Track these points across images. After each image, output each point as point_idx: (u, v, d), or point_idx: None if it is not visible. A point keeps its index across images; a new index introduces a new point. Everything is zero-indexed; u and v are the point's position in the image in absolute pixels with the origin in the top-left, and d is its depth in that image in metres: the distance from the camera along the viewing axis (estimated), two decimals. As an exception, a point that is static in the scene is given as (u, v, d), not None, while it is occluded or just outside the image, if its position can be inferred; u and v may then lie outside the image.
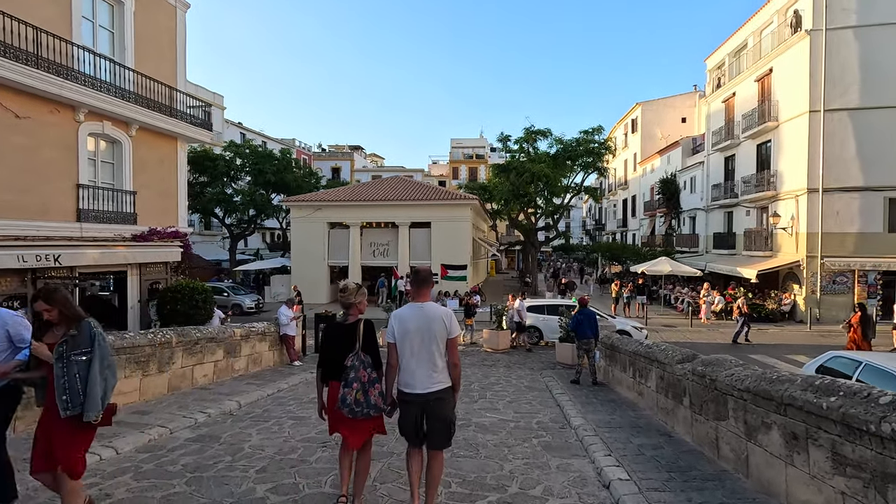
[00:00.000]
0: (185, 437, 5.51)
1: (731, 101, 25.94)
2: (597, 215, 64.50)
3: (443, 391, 3.44)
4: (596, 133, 27.05)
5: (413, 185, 28.64)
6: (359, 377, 3.44)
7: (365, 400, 3.43)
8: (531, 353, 13.77)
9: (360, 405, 3.42)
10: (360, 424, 3.52)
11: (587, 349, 9.30)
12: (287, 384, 8.84)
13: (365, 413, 3.44)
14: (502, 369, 11.35)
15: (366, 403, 3.43)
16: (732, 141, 25.03)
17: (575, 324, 9.39)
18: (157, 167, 13.92)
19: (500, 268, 57.98)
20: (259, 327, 10.26)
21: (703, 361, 5.21)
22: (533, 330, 15.10)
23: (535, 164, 25.47)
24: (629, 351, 7.72)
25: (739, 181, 24.41)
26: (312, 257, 26.21)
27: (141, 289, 13.27)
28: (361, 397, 3.42)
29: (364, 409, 3.43)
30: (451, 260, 25.26)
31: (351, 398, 3.40)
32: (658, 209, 36.14)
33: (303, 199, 26.75)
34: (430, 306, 3.54)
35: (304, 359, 12.29)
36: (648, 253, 29.49)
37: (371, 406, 3.45)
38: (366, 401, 3.43)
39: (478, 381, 9.63)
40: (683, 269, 22.22)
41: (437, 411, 3.42)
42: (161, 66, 13.79)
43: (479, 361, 12.44)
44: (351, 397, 3.40)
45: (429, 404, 3.41)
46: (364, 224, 26.87)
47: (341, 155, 62.70)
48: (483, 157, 62.49)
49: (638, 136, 42.78)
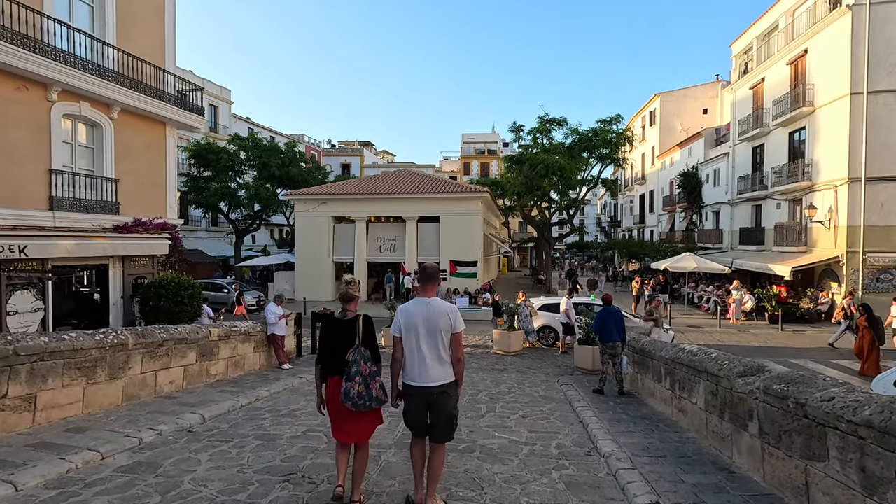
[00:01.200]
0: (116, 466, 4.42)
1: (759, 88, 24.33)
2: (612, 212, 62.74)
3: (447, 385, 3.54)
4: (614, 122, 25.57)
5: (421, 177, 27.51)
6: (360, 371, 3.52)
7: (367, 393, 3.52)
8: (546, 357, 12.54)
9: (362, 398, 3.50)
10: (361, 418, 3.62)
11: (612, 354, 8.06)
12: (268, 391, 7.75)
13: (367, 406, 3.53)
14: (514, 375, 10.15)
15: (368, 396, 3.52)
16: (761, 129, 23.43)
17: (598, 324, 8.15)
18: (143, 154, 12.96)
19: (513, 265, 56.63)
20: (242, 326, 9.19)
21: (781, 377, 3.96)
22: (547, 330, 13.86)
23: (550, 155, 24.11)
24: (666, 358, 6.47)
25: (769, 172, 22.82)
26: (317, 253, 25.23)
27: (124, 284, 12.33)
28: (364, 390, 3.50)
29: (367, 402, 3.52)
30: (460, 256, 24.08)
31: (354, 392, 3.48)
32: (678, 204, 34.52)
33: (307, 193, 25.76)
34: (436, 302, 3.62)
35: (296, 361, 11.21)
36: (669, 249, 27.97)
37: (373, 399, 3.54)
38: (368, 394, 3.52)
39: (486, 390, 8.44)
40: (709, 265, 20.75)
41: (441, 405, 3.52)
42: (147, 46, 12.81)
43: (489, 365, 11.25)
44: (354, 391, 3.48)
45: (433, 398, 3.50)
46: (370, 219, 25.79)
47: (351, 151, 61.86)
48: (495, 153, 61.13)
49: (656, 129, 41.14)
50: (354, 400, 3.48)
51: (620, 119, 25.63)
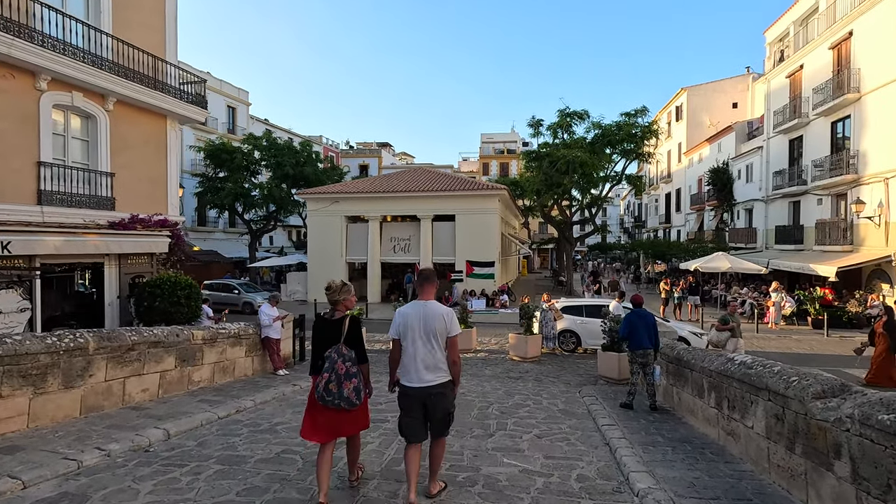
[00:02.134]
0: (35, 499, 3.64)
1: (797, 76, 22.74)
2: (636, 212, 60.85)
3: (443, 385, 3.59)
4: (639, 115, 24.22)
5: (436, 175, 26.67)
6: (335, 368, 3.51)
7: (337, 391, 3.48)
8: (566, 364, 11.49)
9: (330, 395, 3.48)
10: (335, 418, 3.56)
11: (643, 363, 7.01)
12: (254, 401, 6.95)
13: (335, 404, 3.49)
14: (531, 384, 9.15)
15: (337, 395, 3.48)
16: (799, 120, 21.85)
17: (627, 328, 7.10)
18: (141, 147, 12.42)
19: (533, 267, 55.36)
20: (232, 328, 8.44)
21: (886, 403, 2.91)
22: (568, 335, 12.80)
23: (571, 150, 22.94)
24: (712, 370, 5.41)
25: (809, 166, 21.23)
26: (329, 254, 24.60)
27: (121, 283, 11.76)
28: (334, 388, 3.48)
29: (335, 400, 3.48)
30: (477, 256, 23.12)
31: (322, 386, 3.49)
32: (708, 202, 32.87)
33: (319, 192, 25.18)
34: (433, 304, 3.69)
35: (295, 367, 10.43)
36: (699, 249, 26.44)
37: (342, 398, 3.49)
38: (338, 392, 3.48)
39: (498, 402, 7.47)
40: (745, 265, 19.31)
41: (438, 404, 3.58)
42: (146, 35, 12.28)
43: (504, 373, 10.27)
44: (322, 385, 3.49)
45: (430, 398, 3.55)
46: (384, 218, 25.05)
47: (369, 152, 61.50)
48: (514, 152, 59.91)
49: (683, 125, 39.45)
50: (322, 395, 3.49)
51: (646, 112, 24.26)
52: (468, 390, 8.23)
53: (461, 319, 12.87)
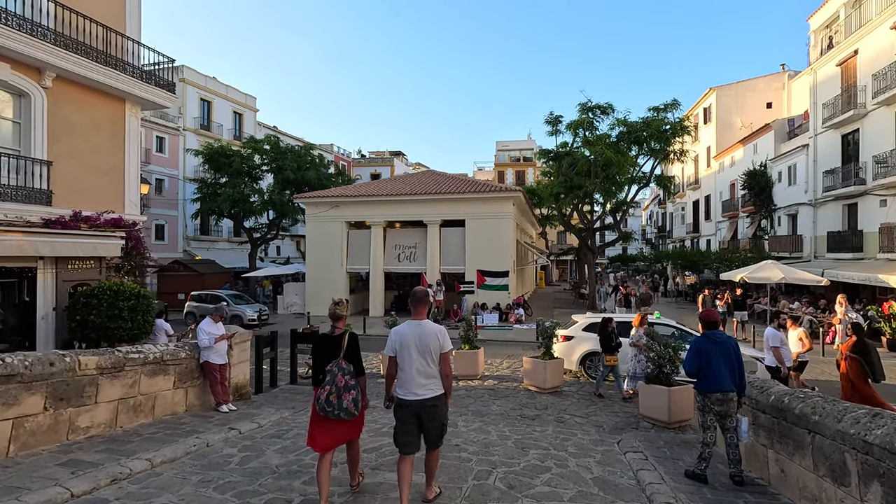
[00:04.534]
0: None
1: (850, 63, 20.20)
2: (659, 221, 57.89)
3: (437, 398, 3.87)
4: (669, 110, 21.82)
5: (444, 177, 24.63)
6: (335, 381, 3.82)
7: (337, 402, 3.79)
8: (594, 397, 9.14)
9: (331, 405, 3.79)
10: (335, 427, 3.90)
11: (723, 412, 4.67)
12: (151, 461, 4.83)
13: (335, 414, 3.80)
14: (551, 429, 6.86)
15: (337, 405, 3.79)
16: (855, 112, 19.26)
17: (698, 361, 4.74)
18: (90, 134, 10.62)
19: (551, 279, 52.78)
20: (153, 352, 6.37)
21: None
22: (596, 359, 10.45)
23: (594, 146, 20.67)
24: (870, 442, 3.10)
25: (869, 162, 18.59)
26: (329, 262, 22.65)
27: (58, 292, 9.87)
28: (334, 399, 3.79)
29: (335, 411, 3.80)
30: (489, 265, 20.92)
31: (324, 398, 3.80)
32: (743, 208, 30.11)
33: (318, 196, 23.33)
34: (427, 323, 3.96)
35: (253, 398, 8.31)
36: (738, 258, 23.77)
37: (342, 409, 3.80)
38: (338, 403, 3.79)
39: (505, 463, 5.23)
40: (800, 275, 16.66)
41: (433, 415, 3.85)
42: (99, 4, 10.59)
43: (516, 410, 7.99)
44: (324, 397, 3.80)
45: (425, 409, 3.81)
46: (387, 224, 23.06)
47: (381, 161, 60.04)
48: (531, 160, 57.77)
49: (712, 127, 36.82)
50: (323, 406, 3.81)
51: (678, 105, 21.83)
52: (466, 440, 6.00)
53: (466, 339, 10.65)
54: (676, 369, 7.32)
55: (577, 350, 10.51)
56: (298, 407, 7.94)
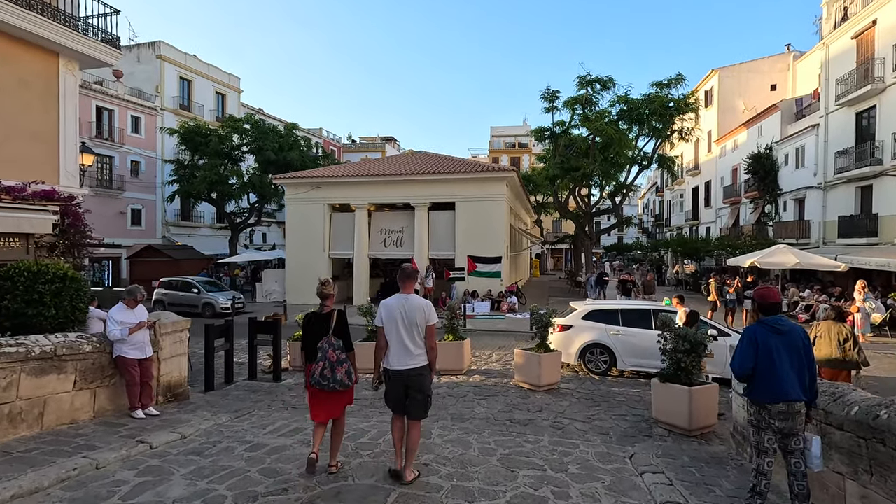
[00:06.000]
0: None
1: (868, 34, 18.88)
2: (657, 210, 56.70)
3: (422, 368, 4.07)
4: (674, 85, 20.42)
5: (433, 157, 23.18)
6: (327, 357, 4.09)
7: (332, 376, 4.05)
8: (597, 394, 7.89)
9: (325, 379, 4.05)
10: (332, 398, 4.19)
11: (786, 430, 3.35)
12: (5, 493, 3.50)
13: (331, 387, 4.07)
14: (547, 438, 5.59)
15: (332, 378, 4.06)
16: (872, 87, 17.99)
17: (753, 357, 3.36)
18: (15, 91, 9.13)
19: (546, 268, 51.65)
20: (41, 345, 5.01)
21: None
22: (597, 350, 9.19)
23: (594, 123, 19.28)
24: None
25: (887, 140, 17.37)
26: (310, 248, 21.25)
27: (-30, 274, 8.46)
28: (329, 373, 4.05)
29: (330, 384, 4.06)
30: (481, 250, 19.55)
31: (318, 373, 4.06)
32: (746, 193, 28.90)
33: (298, 176, 21.85)
34: (413, 297, 4.14)
35: (190, 401, 6.96)
36: (744, 245, 22.60)
37: (336, 381, 4.07)
38: (332, 376, 4.05)
39: (484, 484, 4.00)
40: (817, 260, 15.45)
41: (417, 385, 4.05)
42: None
43: (505, 412, 6.72)
44: (318, 372, 4.06)
45: (410, 379, 4.03)
46: (373, 206, 21.66)
47: (372, 146, 58.38)
48: (526, 146, 56.39)
49: (714, 111, 35.49)
50: (318, 380, 4.05)
51: (682, 80, 20.43)
52: (439, 456, 4.73)
53: (451, 329, 9.35)
54: (698, 364, 6.06)
55: (577, 341, 9.25)
56: (247, 409, 6.64)
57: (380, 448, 4.99)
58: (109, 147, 28.40)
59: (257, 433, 5.43)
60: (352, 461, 4.60)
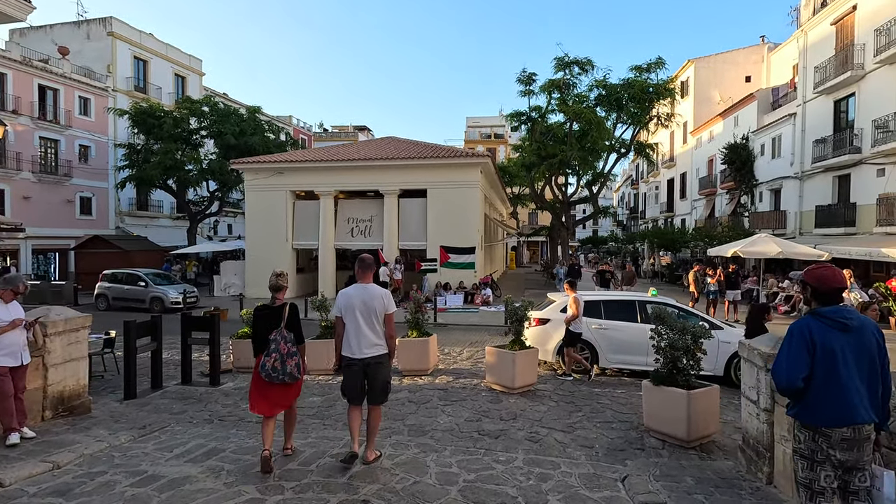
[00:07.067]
0: None
1: (848, 20, 18.52)
2: (631, 202, 56.78)
3: (381, 356, 4.14)
4: (654, 69, 19.71)
5: (404, 143, 22.01)
6: (279, 349, 4.10)
7: (281, 368, 4.07)
8: (578, 397, 6.98)
9: (276, 371, 4.05)
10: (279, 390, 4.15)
11: (853, 464, 2.39)
12: None
13: (281, 379, 4.08)
14: (521, 457, 4.62)
15: (282, 371, 4.07)
16: (852, 73, 17.63)
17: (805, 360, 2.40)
18: None
19: (521, 261, 51.06)
20: None
21: None
22: (578, 346, 8.29)
23: (571, 107, 18.42)
24: None
25: (866, 128, 17.04)
26: (272, 238, 19.87)
27: None
28: (279, 365, 4.06)
29: (280, 376, 4.07)
30: (454, 241, 18.51)
31: (269, 365, 4.06)
32: (723, 184, 28.68)
33: (259, 161, 20.38)
34: (372, 287, 4.21)
35: (90, 415, 5.73)
36: (721, 235, 22.23)
37: (287, 374, 4.09)
38: (282, 369, 4.07)
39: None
40: (799, 250, 14.96)
41: (377, 373, 4.13)
42: None
43: (472, 422, 5.74)
44: (269, 364, 4.06)
45: (369, 367, 4.09)
46: (341, 194, 20.39)
47: (345, 136, 56.70)
48: (502, 137, 55.58)
49: (690, 102, 35.22)
50: (269, 372, 4.05)
51: (663, 64, 19.74)
52: (385, 487, 3.71)
53: (416, 325, 8.30)
54: (697, 363, 5.18)
55: (555, 336, 8.32)
56: (160, 424, 5.47)
57: (310, 477, 3.92)
58: (54, 130, 26.24)
59: (158, 459, 4.30)
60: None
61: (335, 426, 5.44)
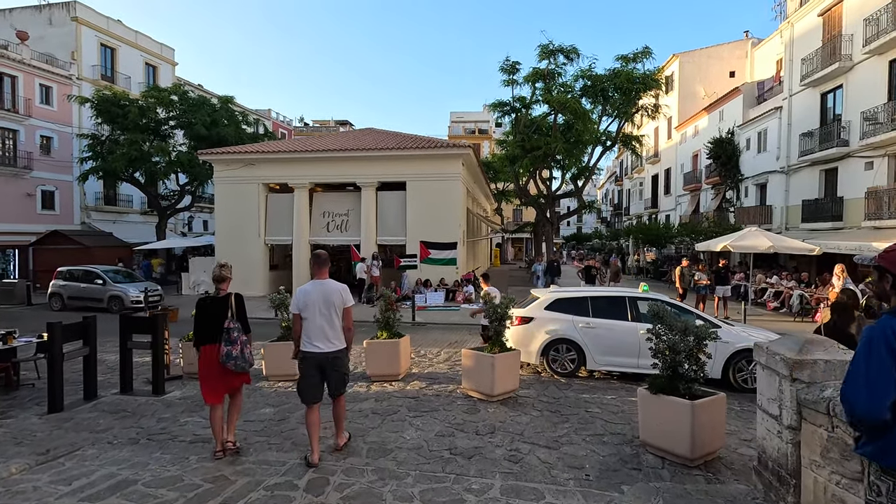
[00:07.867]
0: None
1: (835, 11, 18.19)
2: (616, 199, 56.66)
3: (339, 350, 4.26)
4: (640, 59, 19.14)
5: (382, 133, 21.16)
6: (237, 339, 4.26)
7: (239, 355, 4.27)
8: (565, 405, 6.28)
9: (232, 358, 4.22)
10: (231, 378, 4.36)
11: None
12: None
13: (242, 367, 4.31)
14: (498, 484, 3.89)
15: (242, 358, 4.28)
16: (840, 65, 17.29)
17: (885, 376, 1.70)
18: None
19: (506, 258, 50.53)
20: None
21: None
22: (564, 347, 7.60)
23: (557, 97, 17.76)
24: None
25: (854, 120, 16.71)
26: (243, 233, 18.90)
27: None
28: (237, 353, 4.25)
29: (237, 363, 4.26)
30: (435, 236, 17.76)
31: (236, 352, 4.24)
32: (707, 179, 28.41)
33: (229, 152, 19.35)
34: (329, 282, 4.30)
35: None
36: (707, 231, 21.85)
37: (245, 361, 4.33)
38: (240, 355, 4.27)
39: None
40: (790, 244, 14.55)
41: (335, 366, 4.24)
42: None
43: (446, 435, 5.01)
44: (236, 352, 4.24)
45: (328, 361, 4.19)
46: (317, 187, 19.46)
47: (326, 130, 55.30)
48: (486, 132, 54.95)
49: (674, 97, 34.90)
50: (235, 361, 4.23)
51: (649, 53, 19.17)
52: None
53: (386, 325, 7.50)
54: (701, 369, 4.50)
55: (539, 336, 7.63)
56: (70, 446, 4.61)
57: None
58: (12, 119, 24.71)
59: (46, 496, 3.46)
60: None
61: (282, 446, 4.64)
